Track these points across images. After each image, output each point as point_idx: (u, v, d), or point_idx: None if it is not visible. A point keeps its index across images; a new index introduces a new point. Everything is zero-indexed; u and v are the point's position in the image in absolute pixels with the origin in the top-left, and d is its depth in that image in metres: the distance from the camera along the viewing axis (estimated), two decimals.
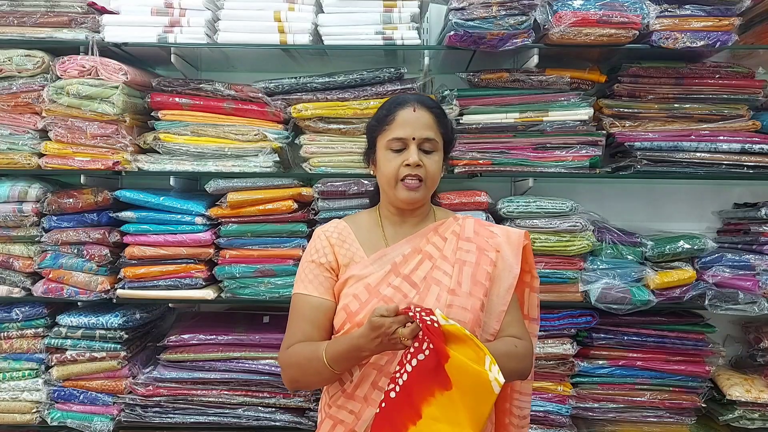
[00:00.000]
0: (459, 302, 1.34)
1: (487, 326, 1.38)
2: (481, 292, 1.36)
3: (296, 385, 1.48)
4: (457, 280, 1.36)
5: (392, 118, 1.39)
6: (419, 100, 1.42)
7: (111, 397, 2.24)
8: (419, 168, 1.37)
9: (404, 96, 1.45)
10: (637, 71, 2.24)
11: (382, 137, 1.41)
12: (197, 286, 2.21)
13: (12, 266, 2.24)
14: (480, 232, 1.46)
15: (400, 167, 1.37)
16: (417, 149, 1.37)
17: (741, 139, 2.19)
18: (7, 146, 2.20)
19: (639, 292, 2.17)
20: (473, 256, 1.40)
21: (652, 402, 2.27)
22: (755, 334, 2.46)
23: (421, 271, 1.38)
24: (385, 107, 1.44)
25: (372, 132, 1.45)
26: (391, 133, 1.38)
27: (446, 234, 1.44)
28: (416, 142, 1.37)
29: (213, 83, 2.21)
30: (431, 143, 1.39)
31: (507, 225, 2.21)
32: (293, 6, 2.16)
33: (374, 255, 1.42)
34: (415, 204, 1.43)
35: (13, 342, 2.27)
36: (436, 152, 1.41)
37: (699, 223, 2.56)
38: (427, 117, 1.40)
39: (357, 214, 1.56)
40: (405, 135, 1.37)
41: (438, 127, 1.41)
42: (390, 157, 1.38)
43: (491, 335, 1.38)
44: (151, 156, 2.21)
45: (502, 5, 2.02)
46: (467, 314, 1.33)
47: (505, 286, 1.41)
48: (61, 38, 2.18)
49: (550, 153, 2.21)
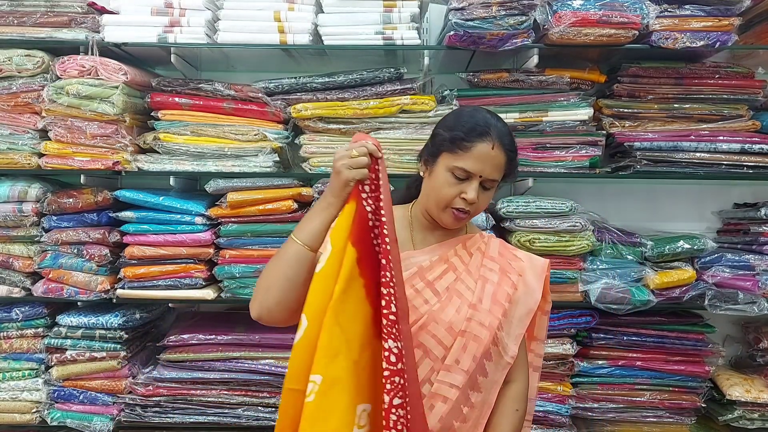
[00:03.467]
0: (478, 317, 1.34)
1: (508, 348, 1.39)
2: (500, 311, 1.37)
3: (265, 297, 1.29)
4: (479, 296, 1.37)
5: (468, 146, 1.31)
6: (500, 136, 1.33)
7: (111, 397, 2.24)
8: (473, 205, 1.35)
9: (486, 122, 1.34)
10: (637, 71, 2.24)
11: (449, 157, 1.33)
12: (197, 286, 2.21)
13: (12, 266, 2.24)
14: (504, 254, 1.46)
15: (457, 197, 1.33)
16: (478, 186, 1.33)
17: (741, 139, 2.19)
18: (7, 146, 2.20)
19: (639, 292, 2.17)
20: (496, 276, 1.40)
21: (652, 402, 2.27)
22: (755, 334, 2.46)
23: (444, 281, 1.38)
24: (463, 128, 1.34)
25: (440, 144, 1.36)
26: (461, 161, 1.32)
27: (472, 249, 1.45)
28: (481, 180, 1.33)
29: (213, 83, 2.21)
30: (493, 182, 1.36)
31: (507, 225, 2.22)
32: (293, 6, 2.16)
33: (403, 254, 1.36)
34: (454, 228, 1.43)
35: (13, 342, 2.26)
36: (493, 189, 1.38)
37: (699, 223, 2.56)
38: (501, 158, 1.34)
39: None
40: (474, 170, 1.32)
41: (505, 168, 1.37)
42: (450, 182, 1.33)
43: (511, 357, 1.38)
44: (150, 156, 2.21)
45: (502, 5, 2.02)
46: (484, 331, 1.34)
47: (525, 309, 1.42)
48: (61, 38, 2.18)
49: (550, 153, 2.21)
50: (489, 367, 1.36)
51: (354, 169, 1.22)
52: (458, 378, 1.32)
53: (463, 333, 1.33)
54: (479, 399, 1.36)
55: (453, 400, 1.32)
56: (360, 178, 1.22)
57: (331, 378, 1.17)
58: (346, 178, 1.22)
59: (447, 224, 1.39)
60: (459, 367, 1.32)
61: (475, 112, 1.39)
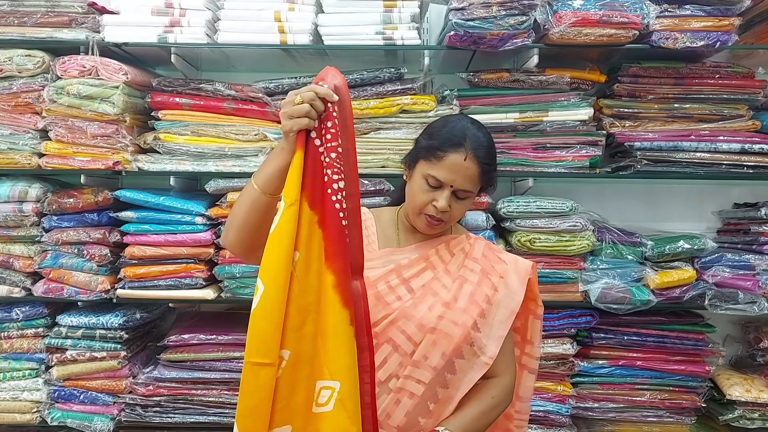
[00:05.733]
0: (450, 315, 1.34)
1: (487, 349, 1.37)
2: (476, 311, 1.36)
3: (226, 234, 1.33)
4: (455, 295, 1.37)
5: (441, 155, 1.33)
6: (474, 148, 1.33)
7: (111, 396, 2.24)
8: (445, 213, 1.35)
9: (461, 133, 1.34)
10: (637, 71, 2.24)
11: (424, 165, 1.35)
12: (197, 286, 2.21)
13: (12, 266, 2.24)
14: (488, 256, 1.45)
15: (429, 204, 1.35)
16: (450, 195, 1.34)
17: (741, 139, 2.19)
18: (7, 146, 2.20)
19: (639, 292, 2.17)
20: (476, 277, 1.40)
21: (652, 402, 2.27)
22: (755, 334, 2.46)
23: (420, 279, 1.39)
24: (439, 136, 1.36)
25: (418, 151, 1.39)
26: (434, 170, 1.33)
27: (455, 250, 1.45)
28: (452, 189, 1.34)
29: (213, 83, 2.21)
30: (466, 193, 1.36)
31: (507, 225, 2.22)
32: (293, 6, 2.16)
33: (383, 251, 1.42)
34: (431, 233, 1.44)
35: (14, 342, 2.27)
36: (468, 199, 1.38)
37: (699, 223, 2.56)
38: (474, 170, 1.33)
39: (380, 209, 1.56)
40: (445, 180, 1.33)
41: (480, 180, 1.36)
42: (424, 189, 1.35)
43: (490, 358, 1.37)
44: (151, 156, 2.21)
45: (502, 5, 2.02)
46: (456, 329, 1.34)
47: (507, 312, 1.40)
48: (62, 38, 2.18)
49: (550, 153, 2.21)
50: (459, 365, 1.35)
51: (294, 119, 1.15)
52: (425, 374, 1.33)
53: (434, 330, 1.33)
54: (446, 395, 1.35)
55: (419, 395, 1.32)
56: (298, 129, 1.16)
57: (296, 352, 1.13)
58: (281, 128, 1.18)
59: (421, 229, 1.41)
60: (427, 363, 1.32)
61: (457, 122, 1.39)
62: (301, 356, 1.14)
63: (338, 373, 1.13)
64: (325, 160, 1.17)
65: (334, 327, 1.14)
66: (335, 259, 1.15)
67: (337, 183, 1.16)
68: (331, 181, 1.16)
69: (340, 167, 1.16)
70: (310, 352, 1.15)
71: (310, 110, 1.15)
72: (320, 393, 1.14)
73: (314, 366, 1.15)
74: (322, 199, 1.16)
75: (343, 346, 1.13)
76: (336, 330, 1.14)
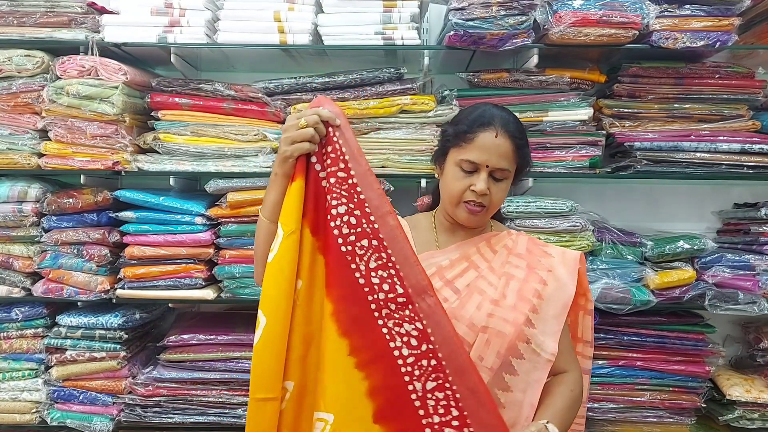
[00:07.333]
0: (500, 313, 1.30)
1: (546, 345, 1.32)
2: (526, 307, 1.32)
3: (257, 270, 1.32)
4: (502, 292, 1.33)
5: (471, 137, 1.31)
6: (503, 124, 1.32)
7: (111, 397, 2.24)
8: (485, 196, 1.32)
9: (489, 113, 1.34)
10: (637, 71, 2.24)
11: (455, 152, 1.34)
12: (197, 286, 2.21)
13: (12, 266, 2.24)
14: (533, 250, 1.42)
15: (467, 190, 1.32)
16: (488, 176, 1.31)
17: (741, 139, 2.19)
18: (7, 146, 2.20)
19: (639, 292, 2.17)
20: (522, 272, 1.36)
21: (652, 402, 2.26)
22: (755, 334, 2.46)
23: (465, 279, 1.36)
24: (466, 120, 1.35)
25: (446, 141, 1.37)
26: (466, 153, 1.31)
27: (497, 247, 1.42)
28: (489, 169, 1.31)
29: (213, 83, 2.21)
30: (503, 172, 1.33)
31: (507, 225, 2.22)
32: (293, 6, 2.16)
33: (423, 255, 1.36)
34: (474, 226, 1.41)
35: (13, 342, 2.26)
36: (506, 180, 1.35)
37: (699, 223, 2.56)
38: (507, 146, 1.31)
39: (416, 216, 1.54)
40: (479, 161, 1.30)
41: (515, 157, 1.34)
42: (459, 176, 1.33)
43: (551, 355, 1.32)
44: (150, 156, 2.21)
45: (502, 5, 2.02)
46: (508, 326, 1.29)
47: (560, 305, 1.35)
48: (61, 38, 2.18)
49: (550, 153, 2.21)
50: (519, 365, 1.30)
51: (296, 143, 1.13)
52: (483, 377, 1.25)
53: (485, 329, 1.29)
54: (511, 399, 1.30)
55: None
56: (299, 153, 1.14)
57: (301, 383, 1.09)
58: (282, 153, 1.15)
59: (463, 220, 1.37)
60: (483, 364, 1.27)
61: (480, 105, 1.38)
62: (305, 387, 1.11)
63: (333, 406, 1.09)
64: (326, 186, 1.14)
65: (330, 356, 1.10)
66: (334, 286, 1.12)
67: (336, 208, 1.13)
68: (330, 207, 1.14)
69: (340, 192, 1.13)
70: (314, 382, 1.11)
71: (314, 134, 1.13)
72: (315, 425, 1.10)
73: (315, 396, 1.11)
74: (325, 225, 1.13)
75: (339, 376, 1.09)
76: (332, 359, 1.10)
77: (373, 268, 1.12)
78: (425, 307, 1.11)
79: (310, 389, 1.12)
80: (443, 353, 1.09)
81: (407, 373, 1.09)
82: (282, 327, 1.08)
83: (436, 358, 1.09)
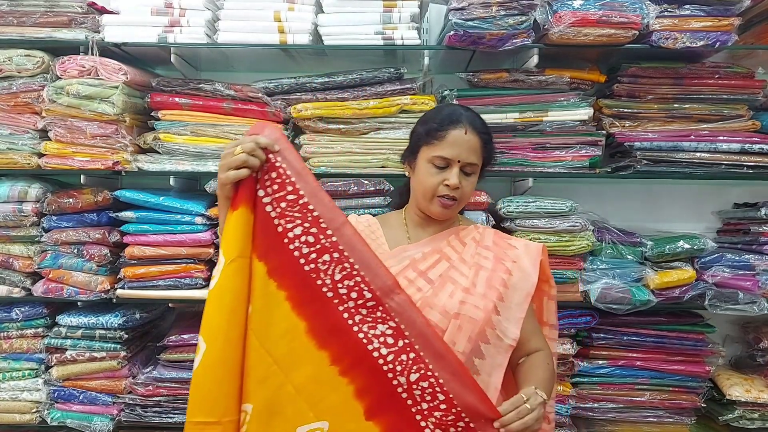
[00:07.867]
0: (472, 300, 1.39)
1: (508, 331, 1.42)
2: (494, 295, 1.41)
3: None
4: (473, 281, 1.41)
5: (442, 135, 1.41)
6: (471, 122, 1.44)
7: (111, 397, 2.24)
8: (457, 190, 1.41)
9: (457, 112, 1.46)
10: (637, 71, 2.24)
11: (427, 149, 1.44)
12: (197, 286, 2.21)
13: (12, 266, 2.24)
14: (499, 243, 1.51)
15: (440, 185, 1.41)
16: (459, 171, 1.41)
17: (741, 139, 2.19)
18: (7, 146, 2.20)
19: (639, 292, 2.17)
20: (490, 263, 1.46)
21: (652, 402, 2.27)
22: (755, 334, 2.46)
23: (437, 270, 1.44)
24: (436, 119, 1.45)
25: (418, 139, 1.47)
26: (439, 150, 1.41)
27: (466, 239, 1.51)
28: (460, 164, 1.41)
29: (213, 83, 2.21)
30: (472, 167, 1.44)
31: (507, 225, 2.22)
32: (293, 6, 2.16)
33: (395, 250, 1.47)
34: (446, 218, 1.50)
35: (13, 342, 2.27)
36: (474, 174, 1.46)
37: (699, 223, 2.56)
38: (475, 141, 1.43)
39: (386, 214, 1.64)
40: (451, 156, 1.41)
41: (482, 152, 1.46)
42: (432, 172, 1.42)
43: (513, 340, 1.41)
44: (150, 156, 2.21)
45: (501, 5, 2.02)
46: (479, 312, 1.38)
47: (523, 294, 1.45)
48: (61, 38, 2.18)
49: (550, 153, 2.21)
50: (486, 350, 1.39)
51: (231, 170, 1.17)
52: None
53: (458, 315, 1.37)
54: (480, 382, 1.36)
55: None
56: (234, 179, 1.17)
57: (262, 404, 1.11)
58: (219, 180, 1.20)
59: (436, 214, 1.46)
60: (455, 348, 1.34)
61: (446, 106, 1.50)
62: (270, 408, 1.13)
63: (326, 414, 1.14)
64: (276, 211, 1.16)
65: (313, 370, 1.15)
66: (304, 305, 1.15)
67: (293, 231, 1.16)
68: (286, 230, 1.16)
69: (293, 215, 1.16)
70: (283, 402, 1.14)
71: (247, 159, 1.16)
72: None
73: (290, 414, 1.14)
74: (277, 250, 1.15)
75: (325, 386, 1.14)
76: (315, 372, 1.14)
77: (339, 280, 1.17)
78: (395, 306, 1.17)
79: (280, 409, 1.14)
80: (420, 345, 1.16)
81: (390, 370, 1.15)
82: (222, 353, 1.11)
83: (414, 350, 1.15)
